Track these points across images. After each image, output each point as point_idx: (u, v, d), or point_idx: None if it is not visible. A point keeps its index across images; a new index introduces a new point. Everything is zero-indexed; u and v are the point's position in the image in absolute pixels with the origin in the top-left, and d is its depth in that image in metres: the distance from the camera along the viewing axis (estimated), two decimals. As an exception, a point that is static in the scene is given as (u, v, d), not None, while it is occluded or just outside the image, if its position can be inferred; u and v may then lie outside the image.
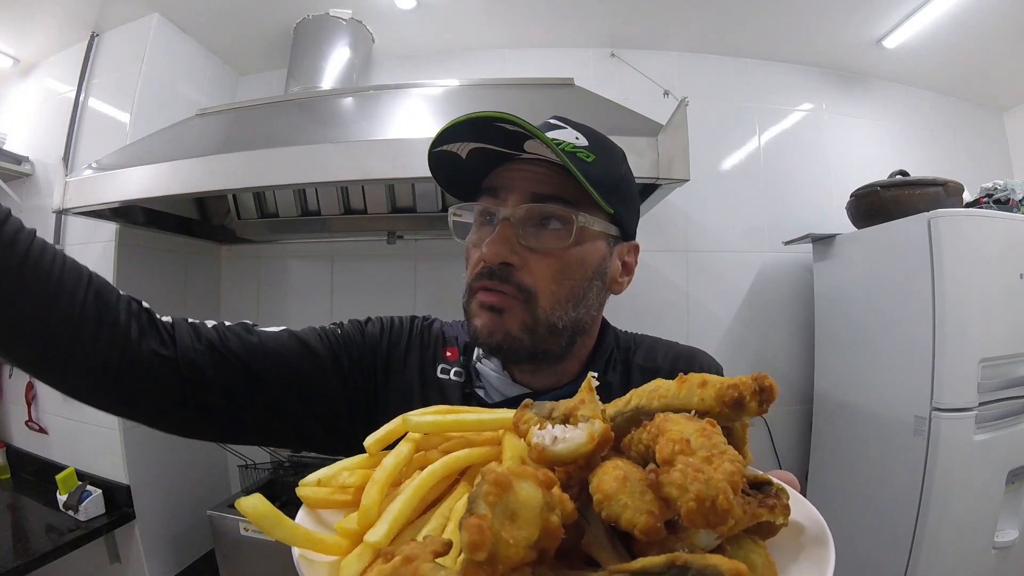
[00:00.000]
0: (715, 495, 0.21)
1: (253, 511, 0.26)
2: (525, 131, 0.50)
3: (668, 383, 0.30)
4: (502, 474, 0.21)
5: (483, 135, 0.54)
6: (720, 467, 0.22)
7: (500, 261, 0.54)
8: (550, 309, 0.56)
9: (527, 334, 0.55)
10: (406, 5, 1.74)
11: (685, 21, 1.85)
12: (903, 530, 1.35)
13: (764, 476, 0.30)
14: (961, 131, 2.19)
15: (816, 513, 0.29)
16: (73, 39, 1.74)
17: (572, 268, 0.57)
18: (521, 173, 0.56)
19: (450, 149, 0.56)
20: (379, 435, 0.35)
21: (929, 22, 1.75)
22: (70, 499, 1.45)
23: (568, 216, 0.55)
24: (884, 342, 1.51)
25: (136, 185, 1.28)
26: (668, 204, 1.71)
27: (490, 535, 0.19)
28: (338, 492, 0.32)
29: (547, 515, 0.21)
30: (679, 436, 0.24)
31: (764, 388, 0.26)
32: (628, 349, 0.68)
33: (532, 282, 0.55)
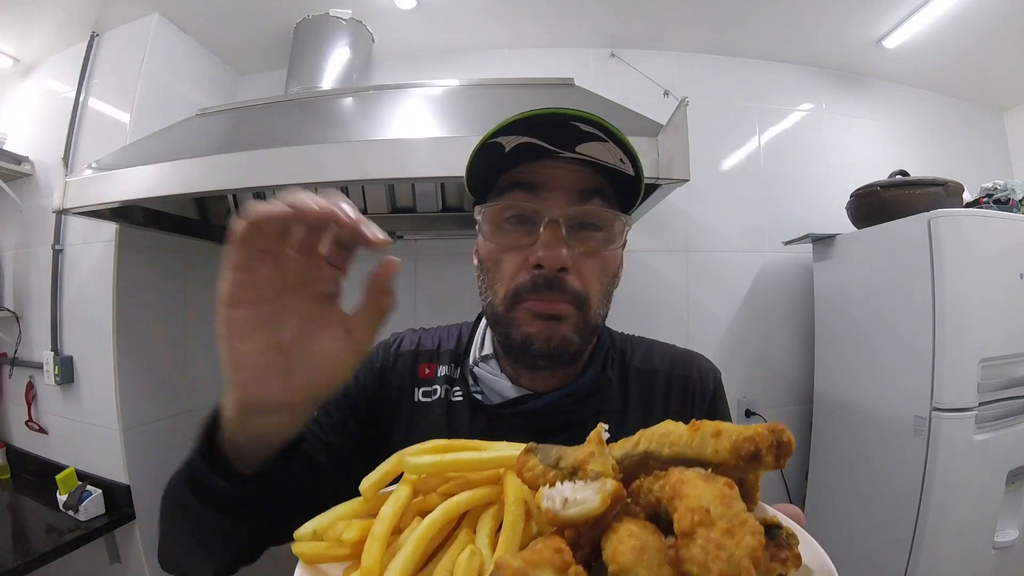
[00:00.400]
0: (738, 574, 0.20)
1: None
2: (602, 134, 0.51)
3: (680, 428, 0.29)
4: (519, 568, 0.20)
5: (540, 131, 0.53)
6: (742, 542, 0.21)
7: (560, 266, 0.53)
8: (596, 310, 0.57)
9: (578, 336, 0.55)
10: (406, 5, 1.74)
11: (685, 21, 1.85)
12: (903, 530, 1.35)
13: (773, 519, 0.29)
14: (961, 131, 2.19)
15: (825, 557, 0.29)
16: (73, 39, 1.74)
17: (608, 268, 0.58)
18: (564, 171, 0.55)
19: (499, 140, 0.54)
20: (375, 478, 0.35)
21: (929, 22, 1.75)
22: (70, 499, 1.45)
23: (613, 221, 0.56)
24: (884, 342, 1.51)
25: (136, 185, 1.28)
26: (668, 204, 1.70)
27: None
28: (335, 547, 0.31)
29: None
30: (698, 504, 0.23)
31: (782, 443, 0.26)
32: (624, 351, 0.68)
33: (583, 287, 0.55)
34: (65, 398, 1.65)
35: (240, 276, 0.35)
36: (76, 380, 1.63)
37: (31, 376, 1.72)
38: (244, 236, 0.34)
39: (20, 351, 1.74)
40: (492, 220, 0.57)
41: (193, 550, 0.47)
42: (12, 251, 1.80)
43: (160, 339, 1.73)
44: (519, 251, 0.55)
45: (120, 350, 1.56)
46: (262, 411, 0.38)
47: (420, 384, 0.64)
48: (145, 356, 1.66)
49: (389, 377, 0.65)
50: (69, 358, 1.63)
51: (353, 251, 0.37)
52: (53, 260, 1.65)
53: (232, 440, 0.40)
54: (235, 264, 0.35)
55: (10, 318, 1.75)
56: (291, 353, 0.37)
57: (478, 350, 0.65)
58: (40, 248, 1.70)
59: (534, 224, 0.54)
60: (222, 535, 0.43)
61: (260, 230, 0.34)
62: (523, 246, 0.55)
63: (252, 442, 0.40)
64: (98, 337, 1.57)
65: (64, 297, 1.65)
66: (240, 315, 0.36)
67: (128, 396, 1.57)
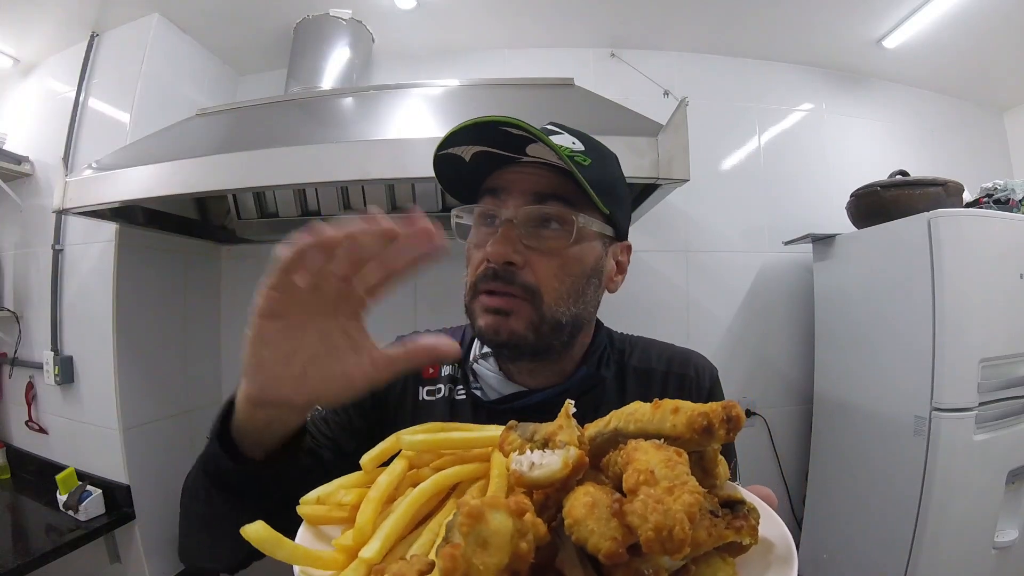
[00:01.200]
0: (672, 525, 0.22)
1: (256, 536, 0.30)
2: (529, 135, 0.52)
3: (645, 407, 0.32)
4: (475, 506, 0.22)
5: (487, 138, 0.55)
6: (680, 498, 0.23)
7: (504, 261, 0.55)
8: (553, 305, 0.57)
9: (532, 331, 0.57)
10: (406, 5, 1.74)
11: (685, 21, 1.85)
12: (903, 530, 1.35)
13: (738, 495, 0.31)
14: (961, 131, 2.19)
15: (786, 532, 0.31)
16: (73, 39, 1.74)
17: (572, 266, 0.58)
18: (522, 175, 0.58)
19: (454, 152, 0.57)
20: (374, 453, 0.38)
21: (929, 22, 1.75)
22: (70, 499, 1.45)
23: (568, 216, 0.57)
24: (884, 342, 1.51)
25: (136, 185, 1.28)
26: (668, 204, 1.70)
27: (463, 562, 0.21)
28: (336, 509, 0.34)
29: (517, 541, 0.23)
30: (645, 467, 0.26)
31: (732, 417, 0.28)
32: (623, 351, 0.69)
33: (535, 281, 0.57)
34: (65, 398, 1.65)
35: (276, 294, 0.37)
36: (76, 380, 1.63)
37: (31, 376, 1.72)
38: (288, 264, 0.36)
39: (20, 351, 1.74)
40: (469, 221, 0.62)
41: (207, 539, 0.50)
42: (12, 251, 1.80)
43: (160, 339, 1.73)
44: (481, 248, 0.58)
45: (120, 350, 1.57)
46: (267, 406, 0.41)
47: (424, 383, 0.66)
48: (145, 356, 1.66)
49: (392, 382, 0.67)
50: (69, 358, 1.63)
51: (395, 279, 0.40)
52: (53, 260, 1.65)
53: (241, 428, 0.42)
54: (273, 284, 0.36)
55: (10, 318, 1.75)
56: (309, 366, 0.39)
57: (478, 348, 0.67)
58: (40, 248, 1.70)
59: (495, 224, 0.58)
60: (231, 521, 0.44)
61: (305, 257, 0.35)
62: (484, 244, 0.58)
63: (259, 431, 0.42)
64: (98, 337, 1.57)
65: (64, 297, 1.66)
66: (270, 325, 0.37)
67: (128, 396, 1.57)
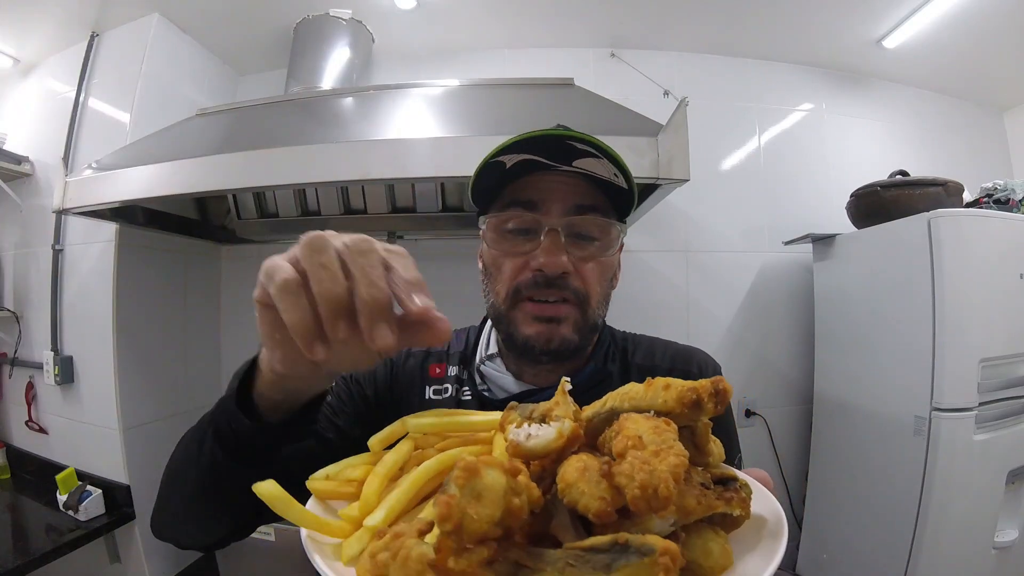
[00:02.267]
0: (657, 484, 0.23)
1: (267, 494, 0.30)
2: (596, 151, 0.55)
3: (638, 386, 0.33)
4: (471, 461, 0.24)
5: (539, 148, 0.57)
6: (665, 460, 0.25)
7: (561, 271, 0.57)
8: (596, 309, 0.61)
9: (577, 334, 0.60)
10: (406, 5, 1.74)
11: (685, 21, 1.85)
12: (903, 530, 1.35)
13: (732, 472, 0.32)
14: (961, 131, 2.19)
15: (778, 508, 0.31)
16: (73, 39, 1.74)
17: (607, 271, 0.62)
18: (560, 185, 0.59)
19: (501, 158, 0.59)
20: (381, 435, 0.39)
21: (929, 22, 1.75)
22: (70, 499, 1.45)
23: (609, 228, 0.60)
24: (884, 342, 1.51)
25: (136, 185, 1.28)
26: (668, 204, 1.70)
27: (457, 510, 0.22)
28: (344, 485, 0.36)
29: (510, 498, 0.24)
30: (633, 433, 0.27)
31: (719, 391, 0.29)
32: (625, 348, 0.70)
33: (584, 287, 0.59)
34: (65, 398, 1.65)
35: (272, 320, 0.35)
36: (76, 380, 1.63)
37: (31, 376, 1.72)
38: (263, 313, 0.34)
39: (20, 351, 1.74)
40: (495, 229, 0.61)
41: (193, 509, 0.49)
42: (12, 251, 1.80)
43: (160, 339, 1.73)
44: (520, 257, 0.59)
45: (120, 350, 1.57)
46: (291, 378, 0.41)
47: (431, 383, 0.67)
48: (145, 356, 1.66)
49: (399, 374, 0.68)
50: (69, 358, 1.63)
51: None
52: (53, 260, 1.65)
53: (263, 392, 0.42)
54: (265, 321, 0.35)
55: (10, 318, 1.75)
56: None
57: (484, 350, 0.68)
58: (40, 248, 1.70)
59: (535, 233, 0.58)
60: (230, 490, 0.44)
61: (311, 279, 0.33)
62: (524, 252, 0.59)
63: (281, 396, 0.42)
64: (98, 337, 1.57)
65: (64, 297, 1.66)
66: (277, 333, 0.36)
67: (128, 396, 1.57)
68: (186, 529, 0.51)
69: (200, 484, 0.45)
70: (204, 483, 0.45)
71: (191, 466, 0.46)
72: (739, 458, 0.68)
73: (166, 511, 0.52)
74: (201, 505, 0.47)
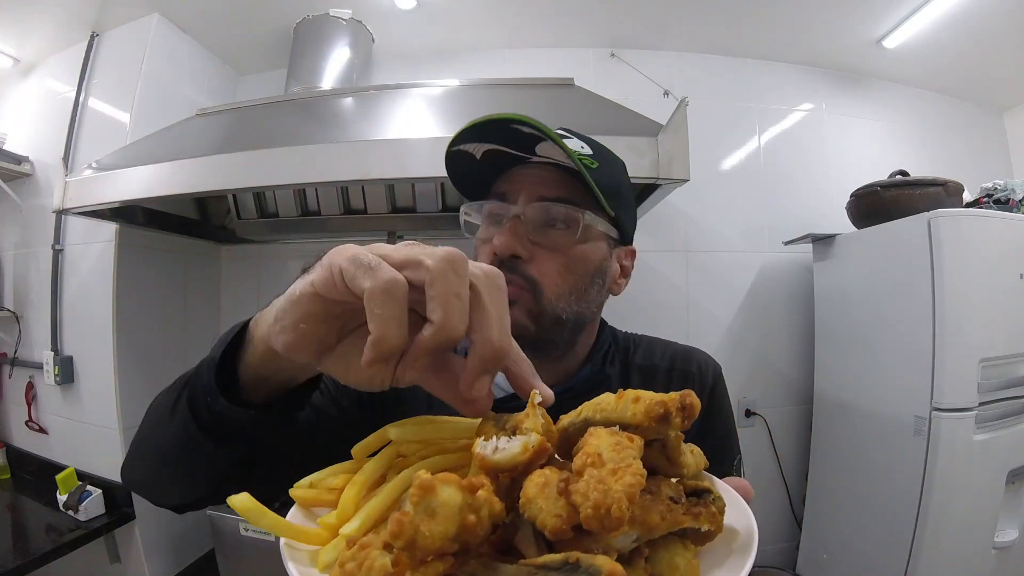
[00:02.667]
0: (610, 504, 0.23)
1: (240, 506, 0.30)
2: (539, 132, 0.53)
3: (610, 397, 0.33)
4: (427, 479, 0.24)
5: (498, 137, 0.56)
6: (621, 479, 0.25)
7: (510, 253, 0.57)
8: (555, 300, 0.58)
9: (532, 322, 0.58)
10: (406, 5, 1.74)
11: (685, 21, 1.85)
12: (903, 530, 1.35)
13: (705, 484, 0.32)
14: (961, 131, 2.19)
15: (751, 523, 0.31)
16: (73, 39, 1.74)
17: (576, 264, 0.60)
18: (530, 175, 0.59)
19: (466, 149, 0.58)
20: (365, 443, 0.39)
21: (929, 22, 1.75)
22: (70, 499, 1.45)
23: (575, 216, 0.58)
24: (884, 342, 1.51)
25: (136, 185, 1.28)
26: (668, 204, 1.70)
27: (410, 528, 0.23)
28: (325, 493, 0.36)
29: (466, 514, 0.24)
30: (594, 450, 0.27)
31: (687, 405, 0.29)
32: (627, 349, 0.70)
33: (538, 274, 0.58)
34: (65, 398, 1.65)
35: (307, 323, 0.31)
36: (76, 380, 1.63)
37: (31, 376, 1.72)
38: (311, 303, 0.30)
39: (20, 351, 1.75)
40: (477, 219, 0.63)
41: (164, 471, 0.46)
42: (12, 251, 1.80)
43: (160, 339, 1.73)
44: (488, 244, 0.59)
45: (120, 350, 1.57)
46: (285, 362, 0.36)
47: None
48: (145, 356, 1.66)
49: None
50: (69, 358, 1.63)
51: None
52: (53, 260, 1.65)
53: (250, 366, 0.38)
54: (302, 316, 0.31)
55: (10, 318, 1.75)
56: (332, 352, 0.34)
57: None
58: (40, 248, 1.70)
59: (502, 221, 0.59)
60: (204, 459, 0.42)
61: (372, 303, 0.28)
62: (490, 239, 0.59)
63: (268, 374, 0.38)
64: (98, 337, 1.57)
65: (64, 297, 1.66)
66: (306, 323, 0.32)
67: (128, 396, 1.57)
68: (157, 489, 0.50)
69: (171, 451, 0.43)
70: (175, 451, 0.42)
71: (162, 432, 0.43)
72: (739, 459, 0.67)
73: (136, 469, 0.50)
74: (172, 470, 0.45)
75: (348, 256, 0.29)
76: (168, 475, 0.47)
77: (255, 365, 0.37)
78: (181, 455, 0.42)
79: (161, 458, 0.45)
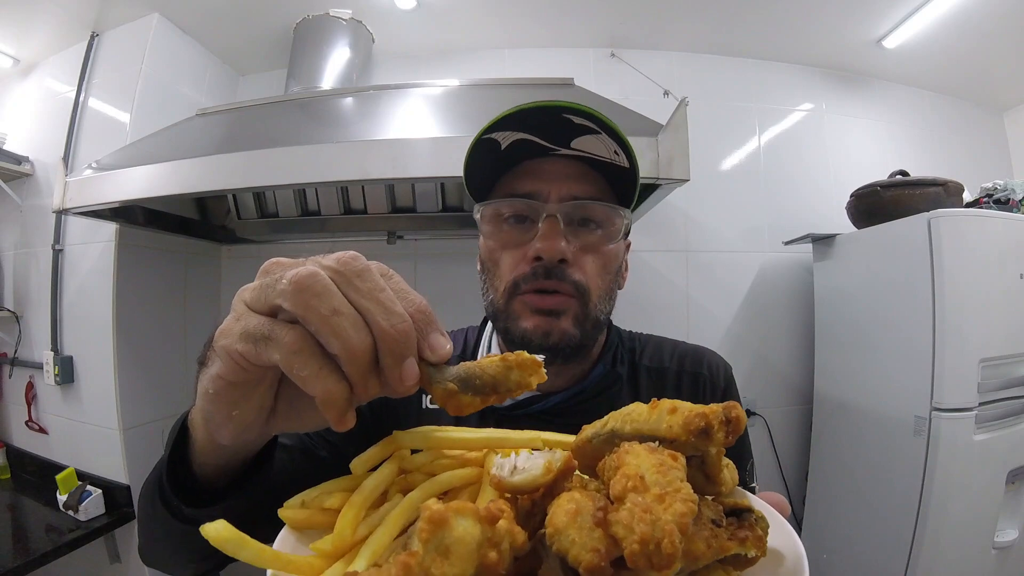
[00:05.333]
0: (660, 538, 0.20)
1: (216, 536, 0.26)
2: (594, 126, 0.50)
3: (642, 407, 0.30)
4: (438, 511, 0.21)
5: (534, 126, 0.53)
6: (671, 507, 0.21)
7: (560, 258, 0.53)
8: (598, 304, 0.56)
9: (579, 330, 0.55)
10: (406, 5, 1.74)
11: (685, 21, 1.85)
12: (903, 530, 1.35)
13: (745, 503, 0.29)
14: (961, 131, 2.19)
15: (798, 544, 0.28)
16: (73, 39, 1.74)
17: (610, 263, 0.58)
18: (556, 171, 0.55)
19: (494, 137, 0.54)
20: (365, 456, 0.35)
21: (929, 22, 1.75)
22: (70, 499, 1.45)
23: (612, 216, 0.56)
24: (884, 342, 1.51)
25: (136, 185, 1.28)
26: (668, 204, 1.70)
27: (418, 572, 0.19)
28: (318, 514, 0.32)
29: (485, 551, 0.21)
30: (634, 471, 0.23)
31: (732, 419, 0.26)
32: (633, 349, 0.68)
33: (584, 278, 0.55)
34: (65, 398, 1.65)
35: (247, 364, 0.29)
36: (76, 380, 1.63)
37: (31, 376, 1.72)
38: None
39: (20, 351, 1.74)
40: (491, 219, 0.58)
41: (169, 548, 0.45)
42: (12, 251, 1.80)
43: (160, 339, 1.73)
44: (518, 248, 0.55)
45: (120, 350, 1.57)
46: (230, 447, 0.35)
47: None
48: (145, 356, 1.66)
49: None
50: (69, 358, 1.63)
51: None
52: (53, 260, 1.65)
53: (205, 462, 0.37)
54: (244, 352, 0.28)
55: (10, 318, 1.75)
56: (276, 413, 0.33)
57: (485, 352, 0.65)
58: (40, 248, 1.70)
59: (532, 221, 0.55)
60: (199, 542, 0.41)
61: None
62: (522, 243, 0.55)
63: (231, 459, 0.38)
64: (98, 337, 1.57)
65: (64, 297, 1.65)
66: (236, 409, 0.31)
67: (128, 396, 1.57)
68: (175, 568, 0.48)
69: (170, 538, 0.42)
70: (174, 538, 0.41)
71: (153, 526, 0.42)
72: (752, 463, 0.66)
73: (147, 552, 0.48)
74: (176, 551, 0.44)
75: (238, 336, 0.27)
76: (177, 556, 0.45)
77: (207, 460, 0.37)
78: (180, 541, 0.41)
79: (163, 543, 0.45)
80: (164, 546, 0.45)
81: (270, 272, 0.28)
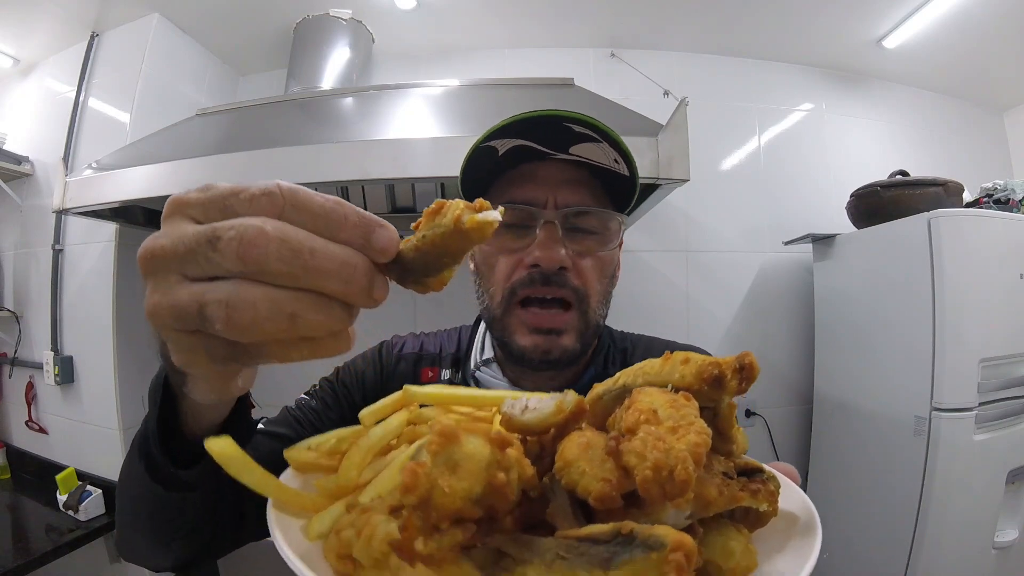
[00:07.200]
0: (674, 465, 0.19)
1: (220, 452, 0.24)
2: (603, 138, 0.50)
3: (655, 361, 0.29)
4: (448, 425, 0.20)
5: (533, 133, 0.53)
6: (684, 438, 0.20)
7: (559, 266, 0.53)
8: (596, 308, 0.56)
9: (580, 342, 0.55)
10: (406, 5, 1.74)
11: (685, 21, 1.85)
12: (903, 530, 1.35)
13: (757, 464, 0.29)
14: (961, 131, 2.19)
15: (809, 503, 0.28)
16: (73, 39, 1.74)
17: (606, 268, 0.57)
18: (557, 174, 0.55)
19: (492, 144, 0.54)
20: (375, 407, 0.34)
21: (929, 22, 1.75)
22: (70, 499, 1.45)
23: (610, 221, 0.56)
24: (884, 342, 1.51)
25: (136, 185, 1.28)
26: (668, 204, 1.70)
27: (425, 481, 0.19)
28: (325, 457, 0.31)
29: (494, 472, 0.20)
30: (647, 406, 0.23)
31: (745, 366, 0.25)
32: (625, 349, 0.68)
33: (583, 285, 0.55)
34: (65, 398, 1.65)
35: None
36: (76, 380, 1.63)
37: (31, 376, 1.72)
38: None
39: (20, 351, 1.74)
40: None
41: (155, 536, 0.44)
42: (12, 251, 1.80)
43: (160, 339, 1.72)
44: (514, 253, 0.55)
45: (120, 350, 1.57)
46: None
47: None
48: (145, 356, 1.66)
49: (389, 378, 0.65)
50: (69, 358, 1.63)
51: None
52: (53, 260, 1.65)
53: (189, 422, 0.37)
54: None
55: (10, 318, 1.75)
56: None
57: (479, 354, 0.64)
58: (40, 248, 1.70)
59: (529, 227, 0.54)
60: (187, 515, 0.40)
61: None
62: (518, 248, 0.54)
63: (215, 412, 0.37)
64: (98, 337, 1.57)
65: (64, 297, 1.66)
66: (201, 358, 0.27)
67: (128, 396, 1.57)
68: (147, 553, 0.47)
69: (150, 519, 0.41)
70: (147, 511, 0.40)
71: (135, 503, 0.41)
72: None
73: (123, 541, 0.47)
74: (151, 531, 0.43)
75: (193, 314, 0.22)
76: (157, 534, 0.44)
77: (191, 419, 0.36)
78: (154, 513, 0.40)
79: (145, 531, 0.44)
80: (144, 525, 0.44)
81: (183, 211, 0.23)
